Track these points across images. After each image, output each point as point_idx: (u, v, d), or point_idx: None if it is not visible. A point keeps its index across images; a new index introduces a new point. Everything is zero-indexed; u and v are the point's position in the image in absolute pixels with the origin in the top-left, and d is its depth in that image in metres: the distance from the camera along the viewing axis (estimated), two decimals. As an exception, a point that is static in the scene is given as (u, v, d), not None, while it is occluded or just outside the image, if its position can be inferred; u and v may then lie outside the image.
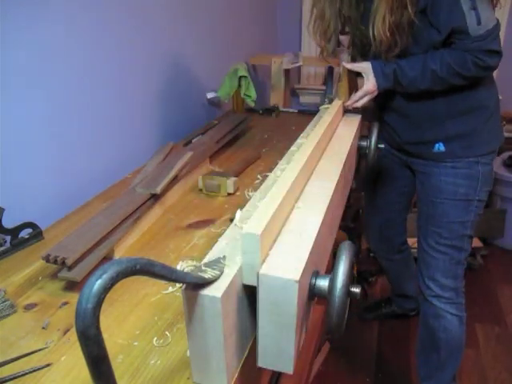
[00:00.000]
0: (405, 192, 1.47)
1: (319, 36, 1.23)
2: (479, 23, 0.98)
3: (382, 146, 1.21)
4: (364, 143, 1.21)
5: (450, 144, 1.18)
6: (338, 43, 1.27)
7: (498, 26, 1.02)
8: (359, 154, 1.25)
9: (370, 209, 1.62)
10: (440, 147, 1.19)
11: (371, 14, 1.05)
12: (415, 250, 1.44)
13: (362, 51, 1.24)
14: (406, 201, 1.51)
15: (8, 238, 0.90)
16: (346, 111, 1.24)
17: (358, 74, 1.23)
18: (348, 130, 1.12)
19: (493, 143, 1.20)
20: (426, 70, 1.07)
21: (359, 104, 1.18)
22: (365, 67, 1.15)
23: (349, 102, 1.20)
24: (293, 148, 0.91)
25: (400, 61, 1.10)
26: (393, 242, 1.62)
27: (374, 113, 1.36)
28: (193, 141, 1.41)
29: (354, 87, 1.28)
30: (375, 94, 1.16)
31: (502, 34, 2.37)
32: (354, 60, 1.28)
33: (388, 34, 1.03)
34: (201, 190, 1.15)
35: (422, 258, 1.32)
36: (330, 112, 1.10)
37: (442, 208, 1.23)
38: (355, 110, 1.23)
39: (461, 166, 1.19)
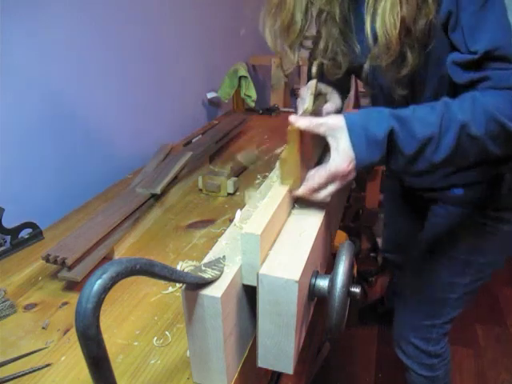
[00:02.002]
0: (418, 224, 1.17)
1: (278, 35, 0.80)
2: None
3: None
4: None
5: (470, 189, 0.88)
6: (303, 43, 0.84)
7: None
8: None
9: (388, 221, 1.43)
10: (458, 191, 0.90)
11: (370, 7, 0.67)
12: None
13: (337, 72, 0.84)
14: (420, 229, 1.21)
15: (8, 237, 0.90)
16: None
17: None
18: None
19: None
20: (451, 121, 0.61)
21: (320, 197, 0.64)
22: (333, 125, 0.62)
23: (301, 190, 0.64)
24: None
25: (400, 110, 0.63)
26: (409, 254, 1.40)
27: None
28: (193, 141, 1.41)
29: (312, 158, 0.74)
30: (350, 178, 0.63)
31: None
32: (327, 76, 0.86)
33: (397, 35, 0.64)
34: (201, 189, 1.15)
35: (396, 303, 1.15)
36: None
37: (431, 260, 1.00)
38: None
39: (477, 220, 0.89)
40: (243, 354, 0.60)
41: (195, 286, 0.49)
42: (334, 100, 0.91)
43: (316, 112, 0.80)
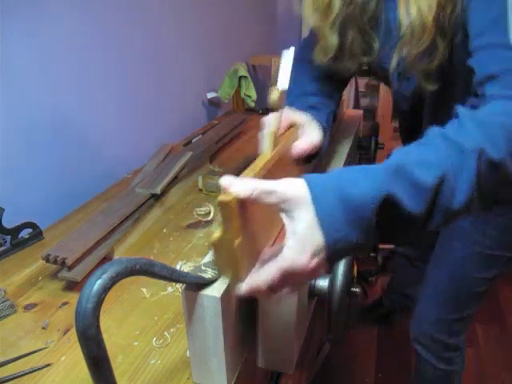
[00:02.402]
0: None
1: (318, 16, 0.78)
2: None
3: (382, 145, 1.21)
4: (364, 143, 1.21)
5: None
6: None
7: None
8: (359, 153, 1.25)
9: None
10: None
11: None
12: None
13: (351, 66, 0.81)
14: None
15: (8, 237, 0.90)
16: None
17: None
18: (348, 129, 1.12)
19: None
20: (463, 153, 0.45)
21: (271, 300, 0.51)
22: (290, 195, 0.43)
23: (243, 289, 0.47)
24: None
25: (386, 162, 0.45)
26: (423, 247, 1.36)
27: None
28: (193, 141, 1.41)
29: (270, 229, 0.58)
30: (315, 276, 0.45)
31: None
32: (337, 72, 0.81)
33: (432, 19, 0.61)
34: (201, 189, 1.15)
35: (419, 299, 1.12)
36: None
37: (457, 255, 0.98)
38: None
39: (498, 213, 0.88)
40: (243, 354, 0.60)
41: (195, 286, 0.49)
42: (310, 133, 0.71)
43: (278, 158, 0.59)
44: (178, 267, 0.83)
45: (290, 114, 0.70)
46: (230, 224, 0.44)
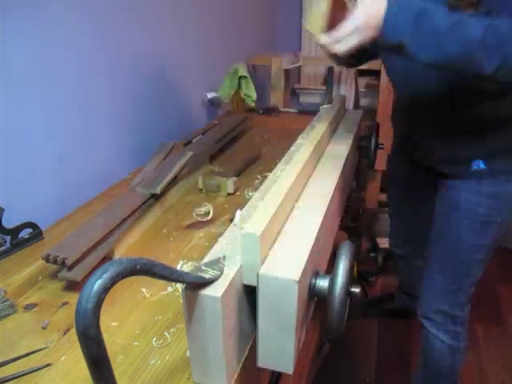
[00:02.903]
0: (426, 208, 1.27)
1: None
2: None
3: (382, 145, 1.21)
4: (364, 143, 1.21)
5: (492, 160, 0.98)
6: None
7: None
8: (359, 153, 1.25)
9: (393, 220, 1.51)
10: (480, 165, 0.98)
11: None
12: None
13: None
14: (429, 214, 1.30)
15: (8, 237, 0.90)
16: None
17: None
18: (348, 129, 1.12)
19: None
20: (463, 23, 0.66)
21: (342, 48, 0.69)
22: None
23: (325, 39, 0.70)
24: (293, 148, 0.91)
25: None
26: (417, 242, 1.43)
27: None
28: (193, 141, 1.41)
29: (338, 19, 0.72)
30: (370, 33, 0.67)
31: None
32: None
33: None
34: (201, 189, 1.16)
35: (423, 274, 1.20)
36: (330, 112, 1.10)
37: (454, 226, 1.06)
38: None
39: (487, 183, 1.00)
40: (243, 354, 0.60)
41: (195, 285, 0.49)
42: None
43: None
44: (178, 267, 0.83)
45: None
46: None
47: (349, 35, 0.67)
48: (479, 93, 0.89)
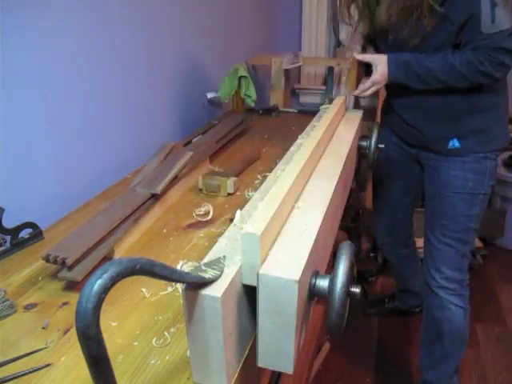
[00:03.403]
0: (413, 187, 1.51)
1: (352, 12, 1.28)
2: (493, 21, 1.01)
3: (382, 145, 1.22)
4: (364, 143, 1.21)
5: (465, 140, 1.22)
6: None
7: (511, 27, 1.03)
8: (359, 153, 1.25)
9: (378, 203, 1.65)
10: (455, 143, 1.23)
11: None
12: (421, 251, 1.45)
13: (375, 42, 1.31)
14: (413, 196, 1.56)
15: (8, 237, 0.90)
16: (356, 102, 1.32)
17: (368, 67, 1.28)
18: (348, 129, 1.12)
19: (502, 140, 1.26)
20: (446, 62, 1.10)
21: (366, 94, 1.26)
22: (376, 57, 1.20)
23: (357, 91, 1.28)
24: (293, 148, 0.91)
25: (418, 54, 1.14)
26: (400, 236, 1.66)
27: (384, 113, 1.44)
28: (193, 141, 1.41)
29: (360, 79, 1.36)
30: (382, 84, 1.23)
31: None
32: (364, 52, 1.36)
33: (398, 16, 1.09)
34: (201, 189, 1.15)
35: (428, 250, 1.37)
36: (330, 112, 1.10)
37: (449, 201, 1.27)
38: (359, 105, 1.28)
39: (470, 161, 1.23)
40: (243, 354, 0.60)
41: (195, 285, 0.49)
42: (371, 50, 1.38)
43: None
44: (178, 267, 0.82)
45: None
46: (354, 66, 1.48)
47: (371, 87, 1.24)
48: (452, 89, 1.17)
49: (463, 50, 1.08)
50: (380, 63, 1.19)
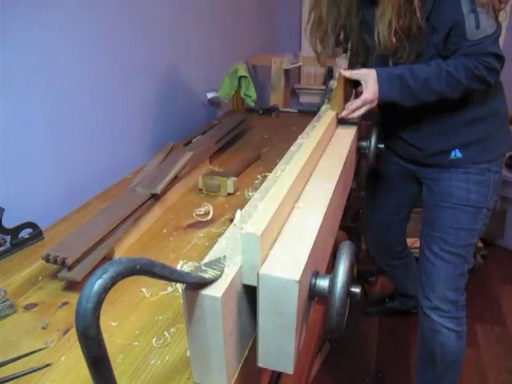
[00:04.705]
0: (405, 204, 1.46)
1: (317, 41, 1.19)
2: (478, 27, 0.97)
3: (382, 145, 1.21)
4: (364, 143, 1.21)
5: (467, 150, 1.15)
6: (338, 44, 1.23)
7: (497, 31, 1.00)
8: (359, 154, 1.25)
9: (368, 218, 1.60)
10: (457, 154, 1.16)
11: (377, 19, 1.03)
12: (416, 250, 1.42)
13: (362, 59, 1.21)
14: (406, 211, 1.50)
15: (8, 237, 0.90)
16: (341, 122, 1.14)
17: (356, 84, 1.19)
18: (348, 130, 1.12)
19: (505, 147, 1.20)
20: (441, 69, 1.02)
21: (356, 115, 1.09)
22: (365, 74, 1.06)
23: (344, 113, 1.10)
24: (293, 148, 0.91)
25: (408, 65, 1.05)
26: (392, 249, 1.61)
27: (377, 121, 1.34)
28: (193, 141, 1.41)
29: (349, 98, 1.20)
30: (374, 103, 1.08)
31: (501, 40, 2.37)
32: (352, 67, 1.24)
33: (394, 40, 1.01)
34: (201, 189, 1.15)
35: (423, 266, 1.27)
36: (329, 112, 1.10)
37: (451, 213, 1.19)
38: (350, 121, 1.14)
39: (473, 172, 1.16)
40: (243, 354, 0.60)
41: (195, 286, 0.49)
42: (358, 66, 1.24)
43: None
44: (178, 267, 0.83)
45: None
46: (340, 84, 1.10)
47: (360, 106, 1.08)
48: (448, 102, 1.10)
49: (455, 57, 1.02)
50: (370, 79, 1.05)
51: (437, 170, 1.22)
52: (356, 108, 1.08)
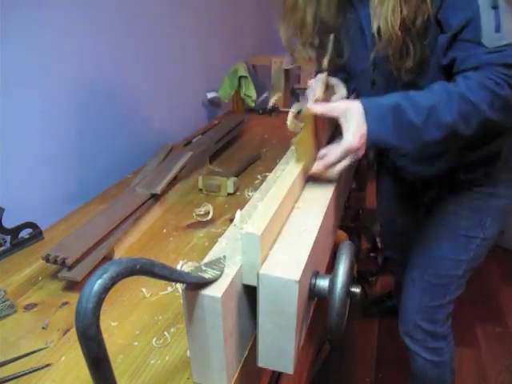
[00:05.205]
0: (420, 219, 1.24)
1: (292, 34, 0.93)
2: (498, 30, 0.68)
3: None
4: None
5: (471, 172, 0.95)
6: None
7: None
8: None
9: (385, 222, 1.46)
10: (460, 176, 0.96)
11: (375, 7, 0.76)
12: None
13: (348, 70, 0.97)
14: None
15: (8, 237, 0.90)
16: (311, 180, 0.75)
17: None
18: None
19: None
20: (450, 93, 0.69)
21: (335, 172, 0.71)
22: (346, 109, 0.70)
23: (315, 168, 0.72)
24: (292, 148, 0.91)
25: (403, 92, 0.72)
26: (407, 239, 1.41)
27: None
28: (193, 141, 1.41)
29: (323, 143, 0.81)
30: (360, 154, 0.71)
31: None
32: (334, 73, 0.96)
33: (399, 32, 0.73)
34: (201, 189, 1.15)
35: (402, 288, 1.15)
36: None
37: (435, 239, 1.03)
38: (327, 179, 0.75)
39: (468, 196, 0.96)
40: (243, 354, 0.60)
41: (195, 286, 0.49)
42: (340, 92, 0.95)
43: (326, 100, 0.84)
44: (178, 267, 0.83)
45: (328, 77, 0.91)
46: (308, 128, 0.70)
47: (341, 158, 0.70)
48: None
49: (465, 74, 0.71)
50: (353, 117, 0.69)
51: (436, 191, 1.05)
52: (334, 160, 0.70)
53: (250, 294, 0.56)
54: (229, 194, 1.13)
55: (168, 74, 1.53)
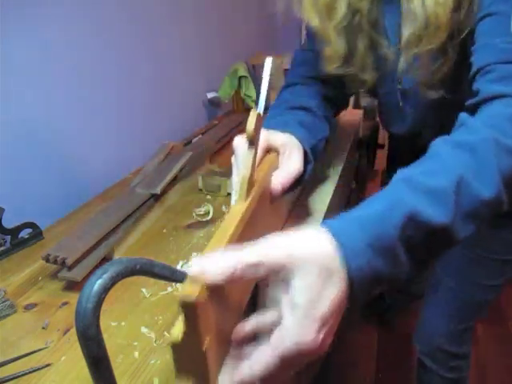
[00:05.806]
0: None
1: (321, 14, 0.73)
2: None
3: (383, 145, 1.21)
4: (364, 143, 1.21)
5: None
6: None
7: None
8: (359, 153, 1.25)
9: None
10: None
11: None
12: None
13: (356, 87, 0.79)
14: None
15: (8, 237, 0.90)
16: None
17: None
18: (348, 129, 1.12)
19: None
20: (474, 146, 0.43)
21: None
22: (281, 260, 0.35)
23: (238, 378, 0.38)
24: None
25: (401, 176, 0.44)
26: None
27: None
28: (193, 141, 1.41)
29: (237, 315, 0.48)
30: (322, 351, 0.40)
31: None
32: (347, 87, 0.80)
33: (449, 15, 0.57)
34: (201, 189, 1.15)
35: (425, 309, 1.08)
36: None
37: (469, 264, 0.93)
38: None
39: (507, 217, 0.79)
40: (243, 354, 0.59)
41: (195, 285, 0.48)
42: (292, 161, 0.61)
43: (255, 205, 0.50)
44: (178, 267, 0.83)
45: (268, 137, 0.61)
46: (196, 325, 0.33)
47: (273, 364, 0.37)
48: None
49: (483, 110, 0.50)
50: (308, 270, 0.35)
51: None
52: (261, 374, 0.38)
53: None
54: (229, 194, 1.13)
55: (168, 73, 1.53)
